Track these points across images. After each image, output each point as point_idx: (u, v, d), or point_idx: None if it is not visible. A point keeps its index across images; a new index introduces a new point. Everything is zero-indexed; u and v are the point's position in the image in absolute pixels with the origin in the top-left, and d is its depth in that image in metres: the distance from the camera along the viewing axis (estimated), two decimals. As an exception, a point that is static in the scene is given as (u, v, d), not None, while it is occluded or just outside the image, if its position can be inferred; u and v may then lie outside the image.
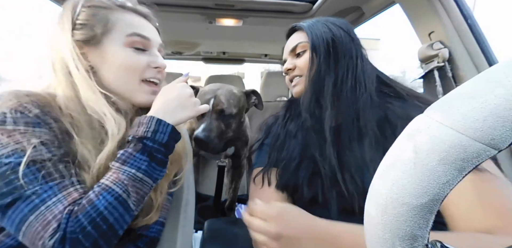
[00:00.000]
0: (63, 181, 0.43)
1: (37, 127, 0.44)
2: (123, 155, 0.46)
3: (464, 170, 0.19)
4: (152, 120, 0.49)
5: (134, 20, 0.54)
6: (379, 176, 0.23)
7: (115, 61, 0.52)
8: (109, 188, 0.44)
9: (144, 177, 0.46)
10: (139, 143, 0.47)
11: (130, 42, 0.52)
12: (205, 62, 2.43)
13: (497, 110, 0.17)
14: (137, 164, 0.46)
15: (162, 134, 0.49)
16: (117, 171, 0.45)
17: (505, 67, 0.19)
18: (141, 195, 0.46)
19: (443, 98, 0.21)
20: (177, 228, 0.63)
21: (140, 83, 0.55)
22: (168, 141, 0.49)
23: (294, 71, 0.67)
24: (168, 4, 1.25)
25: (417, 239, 0.21)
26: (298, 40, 0.67)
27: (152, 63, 0.55)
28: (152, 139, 0.48)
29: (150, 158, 0.47)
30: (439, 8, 0.86)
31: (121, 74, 0.53)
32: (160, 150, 0.48)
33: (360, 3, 1.19)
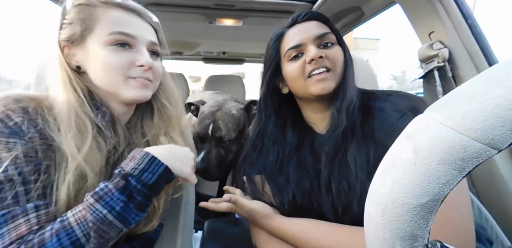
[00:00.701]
0: (14, 209, 0.39)
1: (12, 138, 0.41)
2: (102, 190, 0.42)
3: (464, 170, 0.19)
4: (145, 156, 0.45)
5: (119, 16, 0.51)
6: (379, 176, 0.23)
7: (98, 60, 0.49)
8: (70, 228, 0.39)
9: (115, 220, 0.41)
10: (122, 180, 0.43)
11: (112, 40, 0.49)
12: (205, 62, 2.43)
13: (497, 110, 0.17)
14: (112, 203, 0.41)
15: (150, 174, 0.45)
16: (87, 209, 0.41)
17: (505, 67, 0.19)
18: (106, 239, 0.41)
19: (443, 98, 0.21)
20: (177, 228, 0.63)
21: (126, 80, 0.51)
22: (155, 183, 0.45)
23: (323, 61, 0.58)
24: (168, 4, 1.25)
25: (417, 239, 0.21)
26: (324, 30, 0.61)
27: (136, 61, 0.51)
28: (138, 178, 0.44)
29: (128, 199, 0.42)
30: (439, 8, 0.86)
31: (104, 73, 0.50)
32: (142, 192, 0.44)
33: (360, 3, 1.19)
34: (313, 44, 0.60)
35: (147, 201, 0.45)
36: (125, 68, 0.50)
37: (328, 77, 0.58)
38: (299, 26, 0.63)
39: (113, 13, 0.51)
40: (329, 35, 0.61)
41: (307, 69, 0.59)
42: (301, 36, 0.61)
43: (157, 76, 0.56)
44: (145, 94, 0.53)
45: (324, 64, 0.58)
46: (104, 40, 0.49)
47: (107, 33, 0.49)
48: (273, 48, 0.65)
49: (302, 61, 0.60)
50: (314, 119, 0.67)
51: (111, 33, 0.49)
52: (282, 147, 0.65)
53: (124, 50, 0.50)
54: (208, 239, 0.81)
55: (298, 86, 0.62)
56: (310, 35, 0.60)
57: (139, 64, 0.51)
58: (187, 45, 1.97)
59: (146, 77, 0.52)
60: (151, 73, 0.53)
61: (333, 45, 0.61)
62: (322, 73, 0.58)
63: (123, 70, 0.50)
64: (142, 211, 0.45)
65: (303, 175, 0.61)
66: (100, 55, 0.49)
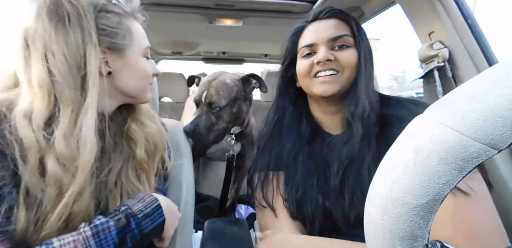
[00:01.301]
0: None
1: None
2: (102, 225, 0.41)
3: (464, 170, 0.19)
4: (154, 202, 0.48)
5: (142, 30, 0.58)
6: (379, 176, 0.23)
7: (137, 68, 0.55)
8: None
9: None
10: (125, 220, 0.43)
11: (145, 53, 0.57)
12: (205, 62, 2.42)
13: (497, 110, 0.17)
14: (105, 243, 0.40)
15: (150, 221, 0.46)
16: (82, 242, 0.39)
17: (505, 67, 0.19)
18: None
19: (443, 98, 0.21)
20: (177, 228, 0.63)
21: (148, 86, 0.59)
22: (149, 232, 0.45)
23: (331, 64, 0.59)
24: (168, 4, 1.24)
25: (417, 239, 0.21)
26: (342, 31, 0.60)
27: (153, 69, 0.60)
28: (139, 222, 0.44)
29: (120, 242, 0.42)
30: (439, 8, 0.86)
31: (139, 80, 0.56)
32: (135, 238, 0.44)
33: (360, 3, 1.19)
34: (325, 45, 0.60)
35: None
36: (150, 75, 0.59)
37: (332, 80, 0.59)
38: (318, 23, 0.63)
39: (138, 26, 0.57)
40: (344, 37, 0.59)
41: (314, 70, 0.60)
42: (316, 35, 0.61)
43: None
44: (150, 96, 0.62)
45: (331, 66, 0.59)
46: (141, 52, 0.56)
47: (144, 47, 0.56)
48: (291, 42, 0.66)
49: (311, 60, 0.60)
50: (323, 119, 0.68)
51: (147, 47, 0.57)
52: (297, 138, 0.66)
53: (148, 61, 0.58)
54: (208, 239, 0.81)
55: (304, 83, 0.63)
56: (325, 35, 0.60)
57: (156, 73, 0.61)
58: (187, 45, 1.97)
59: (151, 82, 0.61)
60: None
61: (347, 48, 0.60)
62: (328, 76, 0.59)
63: (151, 77, 0.59)
64: None
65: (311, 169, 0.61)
66: (140, 64, 0.55)
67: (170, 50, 2.08)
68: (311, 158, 0.63)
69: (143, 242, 0.46)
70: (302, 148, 0.64)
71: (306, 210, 0.58)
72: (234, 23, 1.41)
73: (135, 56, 0.54)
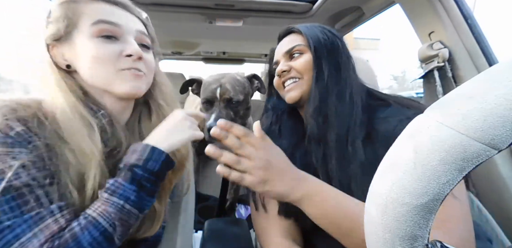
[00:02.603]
0: (40, 212, 0.40)
1: (18, 147, 0.41)
2: (113, 185, 0.44)
3: (464, 170, 0.19)
4: (146, 148, 0.47)
5: (103, 7, 0.50)
6: (379, 176, 0.23)
7: (86, 54, 0.48)
8: (96, 221, 0.42)
9: (132, 208, 0.44)
10: (129, 172, 0.45)
11: (96, 30, 0.48)
12: (205, 62, 2.42)
13: (497, 110, 0.17)
14: (127, 194, 0.44)
15: (154, 162, 0.47)
16: (105, 203, 0.43)
17: (505, 67, 0.19)
18: (127, 227, 0.45)
19: (443, 98, 0.21)
20: (177, 228, 0.63)
21: (118, 72, 0.49)
22: (159, 170, 0.47)
23: (289, 73, 0.64)
24: (168, 4, 1.25)
25: (417, 239, 0.21)
26: (294, 42, 0.66)
27: (124, 51, 0.49)
28: (143, 167, 0.46)
29: (139, 188, 0.45)
30: (439, 8, 0.86)
31: (94, 67, 0.48)
32: (150, 179, 0.46)
33: (360, 3, 1.19)
34: (283, 59, 0.67)
35: (156, 188, 0.48)
36: (113, 60, 0.49)
37: (294, 87, 0.64)
38: (280, 42, 0.70)
39: (97, 5, 0.50)
40: (296, 47, 0.65)
41: (279, 82, 0.67)
42: (276, 54, 0.70)
43: (149, 69, 0.54)
44: (138, 86, 0.52)
45: (290, 75, 0.64)
46: (89, 32, 0.48)
47: (91, 23, 0.48)
48: (270, 60, 0.75)
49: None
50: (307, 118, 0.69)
51: (95, 22, 0.48)
52: (294, 134, 0.68)
53: (110, 42, 0.49)
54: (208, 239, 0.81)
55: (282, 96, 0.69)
56: (281, 51, 0.68)
57: (126, 54, 0.49)
58: (187, 45, 1.97)
59: (137, 68, 0.51)
60: (143, 65, 0.52)
61: (301, 54, 0.64)
62: (290, 84, 0.64)
63: (112, 62, 0.49)
64: (152, 197, 0.48)
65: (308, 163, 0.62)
66: (88, 48, 0.48)
67: (170, 50, 2.08)
68: (307, 154, 0.63)
69: (161, 177, 0.49)
70: (299, 145, 0.65)
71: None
72: (234, 23, 1.41)
73: (83, 39, 0.48)
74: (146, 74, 0.53)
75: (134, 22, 0.53)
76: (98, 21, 0.48)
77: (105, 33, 0.48)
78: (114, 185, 0.44)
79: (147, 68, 0.53)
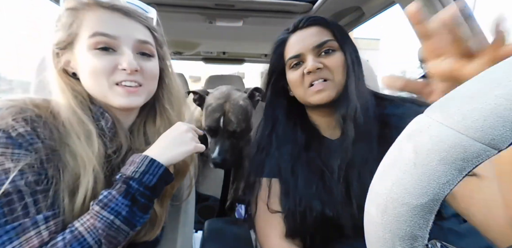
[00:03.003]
0: (24, 222, 0.39)
1: (17, 149, 0.41)
2: (106, 198, 0.43)
3: (464, 170, 0.19)
4: (145, 159, 0.46)
5: (100, 17, 0.48)
6: (379, 176, 0.23)
7: (84, 66, 0.48)
8: (82, 237, 0.40)
9: (122, 225, 0.43)
10: (124, 185, 0.44)
11: (93, 43, 0.47)
12: (205, 62, 2.42)
13: (497, 110, 0.17)
14: (118, 209, 0.42)
15: (151, 176, 0.45)
16: (94, 217, 0.42)
17: (505, 67, 0.19)
18: (114, 244, 0.43)
19: (443, 98, 0.21)
20: (177, 228, 0.63)
21: (111, 87, 0.49)
22: (156, 184, 0.46)
23: (321, 72, 0.59)
24: (168, 4, 1.24)
25: (417, 239, 0.21)
26: (324, 37, 0.60)
27: (119, 64, 0.49)
28: (139, 180, 0.44)
29: (132, 202, 0.44)
30: (439, 8, 0.86)
31: (90, 79, 0.49)
32: (145, 194, 0.45)
33: (360, 3, 1.19)
34: (311, 53, 0.60)
35: (149, 203, 0.46)
36: (108, 73, 0.48)
37: (326, 88, 0.59)
38: (300, 33, 0.63)
39: (95, 14, 0.48)
40: (329, 42, 0.59)
41: (306, 80, 0.60)
42: (300, 45, 0.61)
43: (149, 79, 0.53)
44: (133, 102, 0.51)
45: (322, 75, 0.59)
46: (87, 44, 0.47)
47: (88, 36, 0.47)
48: (276, 54, 0.66)
49: (301, 71, 0.60)
50: (319, 122, 0.67)
51: (92, 34, 0.47)
52: (293, 147, 0.65)
53: (106, 54, 0.48)
54: (208, 239, 0.81)
55: (299, 93, 0.63)
56: (309, 43, 0.60)
57: (121, 68, 0.48)
58: (187, 45, 1.97)
59: (132, 80, 0.50)
60: (140, 76, 0.51)
61: (333, 52, 0.60)
62: (321, 84, 0.59)
63: (107, 75, 0.48)
64: (145, 213, 0.46)
65: (311, 177, 0.60)
66: (85, 60, 0.48)
67: (170, 50, 2.08)
68: (309, 166, 0.62)
69: (157, 192, 0.47)
70: (299, 156, 0.63)
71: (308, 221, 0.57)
72: (234, 23, 1.41)
73: (82, 50, 0.48)
74: (144, 85, 0.52)
75: (134, 31, 0.51)
76: (95, 33, 0.47)
77: (101, 46, 0.48)
78: (107, 197, 0.43)
79: (146, 78, 0.52)
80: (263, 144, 0.68)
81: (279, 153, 0.65)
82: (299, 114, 0.69)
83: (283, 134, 0.66)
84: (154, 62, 0.54)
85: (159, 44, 0.57)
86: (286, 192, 0.61)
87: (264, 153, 0.67)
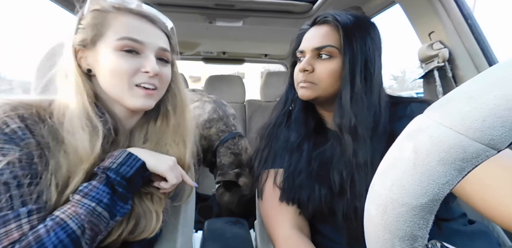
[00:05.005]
0: (6, 214, 0.39)
1: (8, 144, 0.42)
2: (86, 188, 0.44)
3: (464, 171, 0.19)
4: (123, 153, 0.48)
5: (130, 22, 0.51)
6: (379, 176, 0.23)
7: (105, 65, 0.50)
8: (64, 223, 0.40)
9: (104, 211, 0.43)
10: (103, 175, 0.45)
11: (120, 45, 0.50)
12: (205, 62, 2.43)
13: (496, 110, 0.17)
14: (99, 197, 0.43)
15: (128, 167, 0.47)
16: (76, 204, 0.42)
17: (505, 67, 0.19)
18: (96, 232, 0.43)
19: (442, 98, 0.21)
20: (177, 228, 0.63)
21: (131, 88, 0.51)
22: (133, 176, 0.47)
23: (308, 75, 0.60)
24: (168, 4, 1.25)
25: (417, 239, 0.21)
26: (327, 40, 0.59)
27: (142, 67, 0.51)
28: (116, 171, 0.46)
29: (112, 191, 0.45)
30: (439, 8, 0.86)
31: (111, 78, 0.50)
32: (122, 184, 0.46)
33: (360, 3, 1.19)
34: (310, 53, 0.61)
35: (127, 193, 0.47)
36: (131, 74, 0.50)
37: (309, 88, 0.61)
38: (313, 29, 0.63)
39: (125, 19, 0.51)
40: (327, 48, 0.59)
41: (299, 77, 0.63)
42: (306, 43, 0.63)
43: (164, 83, 0.56)
44: (148, 103, 0.53)
45: (308, 78, 0.61)
46: (113, 45, 0.50)
47: (117, 38, 0.49)
48: (295, 42, 0.69)
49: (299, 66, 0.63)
50: (324, 114, 0.69)
51: (121, 38, 0.50)
52: (304, 127, 0.67)
53: (131, 56, 0.50)
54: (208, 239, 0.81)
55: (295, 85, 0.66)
56: (311, 44, 0.61)
57: (144, 70, 0.51)
58: (187, 45, 1.97)
59: (151, 83, 0.52)
60: (157, 80, 0.53)
61: (330, 58, 0.59)
62: (306, 83, 0.61)
63: (129, 75, 0.50)
64: (126, 203, 0.47)
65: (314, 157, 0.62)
66: (109, 60, 0.50)
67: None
68: (315, 148, 0.64)
69: (134, 185, 0.49)
70: (308, 137, 0.66)
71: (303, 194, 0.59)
72: (234, 23, 1.41)
73: (106, 49, 0.50)
74: (159, 89, 0.54)
75: (158, 38, 0.54)
76: (124, 37, 0.50)
77: (128, 48, 0.50)
78: (87, 187, 0.44)
79: (161, 83, 0.55)
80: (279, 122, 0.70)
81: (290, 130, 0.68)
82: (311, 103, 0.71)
83: (298, 115, 0.69)
84: (169, 68, 0.58)
85: (173, 49, 0.60)
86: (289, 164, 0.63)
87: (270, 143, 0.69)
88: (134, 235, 0.52)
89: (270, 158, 0.68)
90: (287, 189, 0.61)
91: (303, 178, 0.61)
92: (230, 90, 2.10)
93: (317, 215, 0.61)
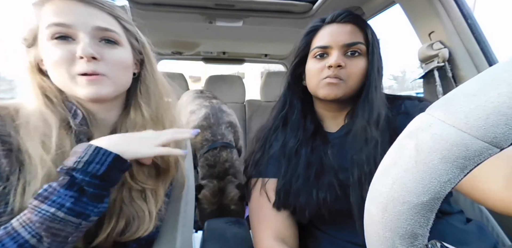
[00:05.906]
0: None
1: None
2: (45, 191, 0.39)
3: (466, 169, 0.18)
4: (88, 148, 0.42)
5: (55, 7, 0.46)
6: (380, 174, 0.23)
7: (45, 58, 0.47)
8: (15, 232, 0.37)
9: (68, 216, 0.39)
10: (66, 176, 0.40)
11: (50, 33, 0.45)
12: (205, 62, 2.42)
13: (499, 108, 0.17)
14: (61, 201, 0.39)
15: (97, 165, 0.41)
16: (32, 211, 0.38)
17: (508, 65, 0.18)
18: (63, 236, 0.39)
19: (445, 97, 0.21)
20: (177, 228, 0.63)
21: (73, 77, 0.46)
22: (105, 172, 0.42)
23: (340, 71, 0.59)
24: (168, 4, 1.25)
25: (418, 237, 0.21)
26: (357, 38, 0.60)
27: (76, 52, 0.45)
28: (83, 171, 0.40)
29: (79, 193, 0.40)
30: (439, 8, 0.86)
31: (52, 71, 0.47)
32: (93, 183, 0.41)
33: (360, 3, 1.19)
34: (339, 49, 0.60)
35: (102, 191, 0.43)
36: (67, 63, 0.45)
37: (337, 85, 0.59)
38: (335, 26, 0.62)
39: (52, 6, 0.46)
40: (358, 45, 0.59)
41: (324, 73, 0.60)
42: (331, 38, 0.61)
43: (116, 67, 0.49)
44: (98, 91, 0.47)
45: (339, 74, 0.59)
46: (45, 35, 0.45)
47: (45, 27, 0.45)
48: (304, 40, 0.66)
49: (323, 63, 0.61)
50: (325, 117, 0.68)
51: (48, 26, 0.45)
52: (302, 131, 0.66)
53: (65, 43, 0.45)
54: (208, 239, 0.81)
55: (312, 84, 0.64)
56: (340, 40, 0.60)
57: (78, 55, 0.45)
58: (187, 45, 1.97)
59: (92, 70, 0.46)
60: (103, 65, 0.47)
61: (359, 55, 0.60)
62: (335, 79, 0.59)
63: (66, 65, 0.45)
64: (101, 202, 0.43)
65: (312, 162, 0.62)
66: (45, 51, 0.46)
67: (170, 50, 2.08)
68: (313, 153, 0.63)
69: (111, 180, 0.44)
70: (306, 142, 0.65)
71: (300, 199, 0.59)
72: (234, 23, 1.41)
73: (43, 42, 0.46)
74: (108, 75, 0.48)
75: (91, 17, 0.48)
76: (50, 24, 0.45)
77: (58, 35, 0.45)
78: (47, 190, 0.40)
79: (110, 67, 0.48)
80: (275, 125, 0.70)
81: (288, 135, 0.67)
82: (311, 104, 0.71)
83: (296, 118, 0.68)
84: (120, 51, 0.51)
85: (131, 35, 0.54)
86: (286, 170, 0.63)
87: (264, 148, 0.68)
88: (126, 236, 0.50)
89: (262, 165, 0.67)
90: (283, 196, 0.60)
91: (300, 183, 0.60)
92: (230, 90, 2.10)
93: (314, 219, 0.60)
